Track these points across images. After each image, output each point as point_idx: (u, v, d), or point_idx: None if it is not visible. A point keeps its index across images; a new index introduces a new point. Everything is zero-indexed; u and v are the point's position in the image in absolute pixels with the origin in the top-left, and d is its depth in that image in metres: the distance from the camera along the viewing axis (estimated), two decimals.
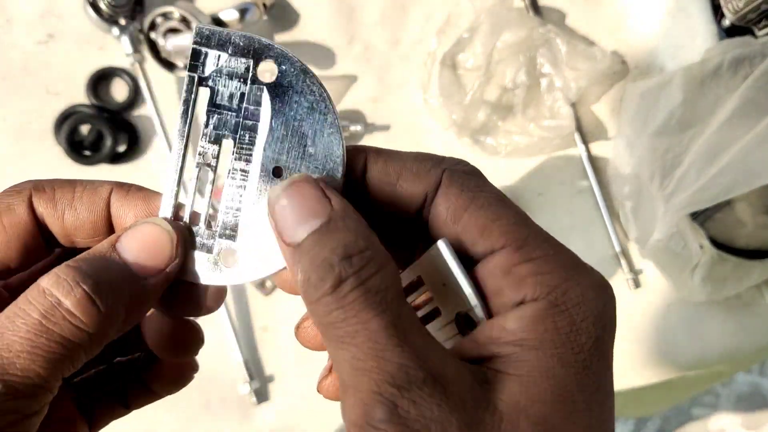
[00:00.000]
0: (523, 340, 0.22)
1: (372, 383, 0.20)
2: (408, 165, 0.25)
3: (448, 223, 0.24)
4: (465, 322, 0.25)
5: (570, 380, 0.21)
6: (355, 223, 0.22)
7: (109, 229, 0.27)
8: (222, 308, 0.63)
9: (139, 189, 0.27)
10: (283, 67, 0.26)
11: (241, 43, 0.26)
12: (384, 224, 0.25)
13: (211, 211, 0.27)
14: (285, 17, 0.68)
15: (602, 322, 0.22)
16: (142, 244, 0.25)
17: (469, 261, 0.24)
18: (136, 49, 0.63)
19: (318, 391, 0.28)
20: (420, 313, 0.27)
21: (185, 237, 0.26)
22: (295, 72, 0.26)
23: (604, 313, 0.22)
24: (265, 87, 0.26)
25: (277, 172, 0.26)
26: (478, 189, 0.24)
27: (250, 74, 0.27)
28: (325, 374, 0.28)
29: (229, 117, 0.27)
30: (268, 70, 0.27)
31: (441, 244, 0.24)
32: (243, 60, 0.27)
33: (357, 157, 0.25)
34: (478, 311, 0.23)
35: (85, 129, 0.65)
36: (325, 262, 0.21)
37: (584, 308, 0.22)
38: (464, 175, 0.25)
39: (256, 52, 0.26)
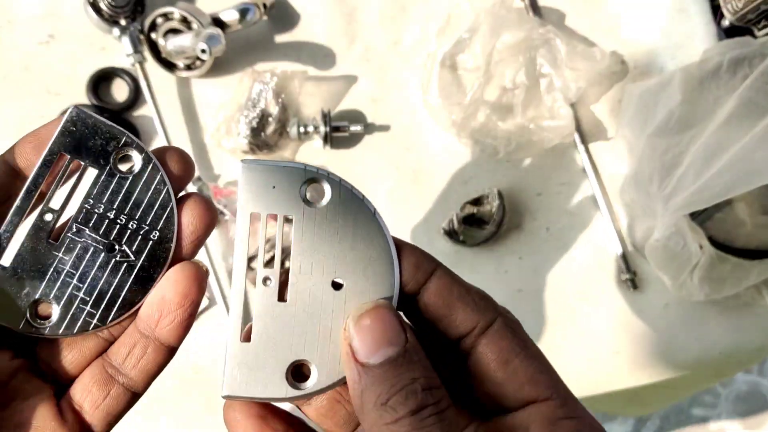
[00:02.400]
0: None
1: None
2: (471, 293, 0.27)
3: (498, 363, 0.26)
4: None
5: None
6: (425, 360, 0.25)
7: None
8: (223, 308, 0.64)
9: None
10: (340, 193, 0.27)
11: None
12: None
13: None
14: (285, 18, 0.68)
15: None
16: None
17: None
18: (137, 50, 0.63)
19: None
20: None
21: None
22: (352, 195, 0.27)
23: None
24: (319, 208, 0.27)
25: (336, 286, 0.27)
26: (527, 341, 0.26)
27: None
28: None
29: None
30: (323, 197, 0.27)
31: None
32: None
33: (427, 263, 0.27)
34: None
35: None
36: (409, 388, 0.24)
37: None
38: (516, 324, 0.27)
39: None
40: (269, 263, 0.27)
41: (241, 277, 0.27)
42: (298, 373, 0.27)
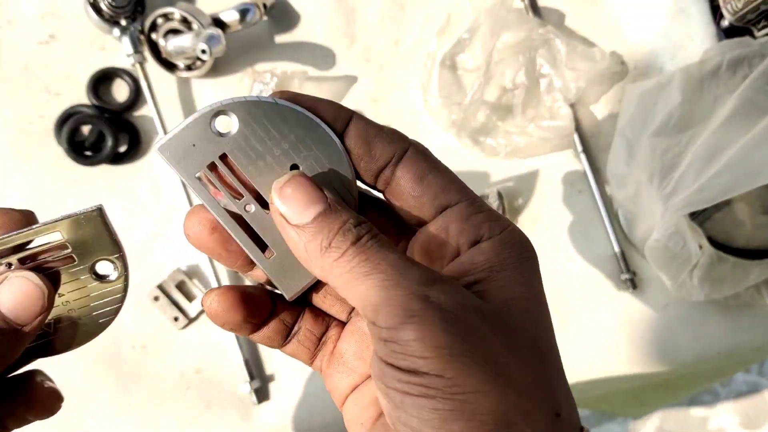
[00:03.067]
0: (492, 266, 0.28)
1: (404, 290, 0.25)
2: (385, 130, 0.31)
3: (415, 180, 0.30)
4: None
5: (534, 286, 0.29)
6: (348, 207, 0.29)
7: None
8: None
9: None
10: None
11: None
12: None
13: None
14: (285, 18, 0.68)
15: (532, 255, 0.30)
16: (15, 298, 0.29)
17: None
18: (137, 50, 0.63)
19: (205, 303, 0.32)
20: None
21: (51, 291, 0.30)
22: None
23: (531, 249, 0.30)
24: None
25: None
26: (436, 161, 0.31)
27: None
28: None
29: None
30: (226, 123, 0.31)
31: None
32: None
33: (344, 111, 0.31)
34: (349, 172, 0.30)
35: (86, 129, 0.65)
36: (344, 229, 0.27)
37: (524, 244, 0.30)
38: (426, 150, 0.31)
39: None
40: (239, 195, 0.30)
41: (231, 223, 0.30)
42: None
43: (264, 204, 0.30)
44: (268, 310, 0.32)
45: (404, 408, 0.25)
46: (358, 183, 0.31)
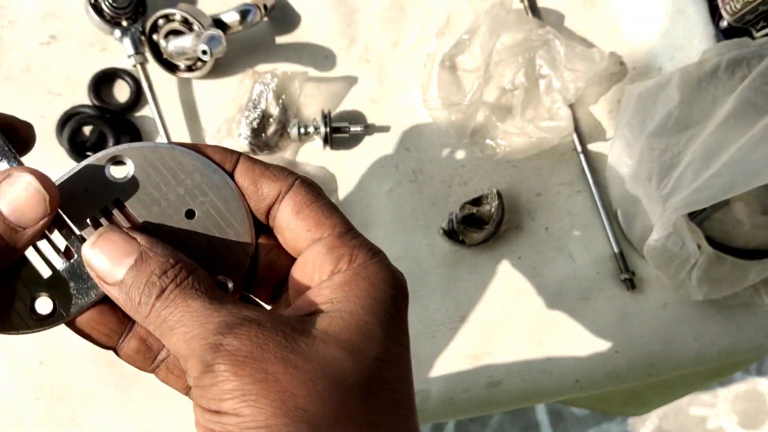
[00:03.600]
0: (333, 298, 0.29)
1: (200, 342, 0.27)
2: (270, 168, 0.32)
3: (292, 214, 0.31)
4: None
5: (369, 317, 0.28)
6: (162, 248, 0.29)
7: None
8: None
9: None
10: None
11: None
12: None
13: None
14: (286, 19, 0.68)
15: (396, 286, 0.30)
16: (15, 201, 0.28)
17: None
18: (138, 51, 0.63)
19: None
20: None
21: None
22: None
23: (399, 282, 0.30)
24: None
25: (190, 215, 0.31)
26: (319, 195, 0.32)
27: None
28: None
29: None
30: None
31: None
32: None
33: (230, 155, 0.32)
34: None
35: (87, 130, 0.66)
36: (149, 282, 0.28)
37: (382, 277, 0.30)
38: (311, 185, 0.32)
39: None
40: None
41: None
42: (222, 288, 0.32)
43: None
44: (126, 322, 0.32)
45: None
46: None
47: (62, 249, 0.31)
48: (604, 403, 0.82)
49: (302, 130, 0.65)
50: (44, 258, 0.30)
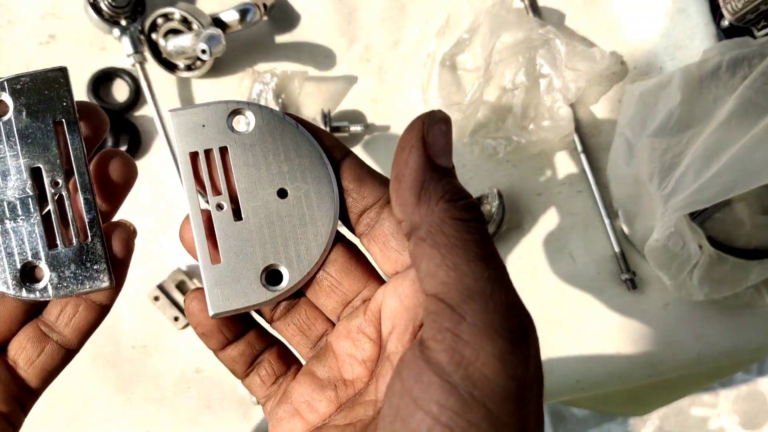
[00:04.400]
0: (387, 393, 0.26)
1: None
2: (377, 174, 0.30)
3: (394, 230, 0.29)
4: None
5: None
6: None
7: None
8: None
9: None
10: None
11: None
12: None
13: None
14: (285, 18, 0.68)
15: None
16: None
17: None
18: (137, 50, 0.63)
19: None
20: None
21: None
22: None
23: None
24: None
25: (282, 194, 0.30)
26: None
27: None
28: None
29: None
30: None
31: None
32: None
33: (341, 147, 0.31)
34: None
35: None
36: (466, 200, 0.26)
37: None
38: None
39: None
40: (218, 191, 0.30)
41: (196, 210, 0.30)
42: (270, 278, 0.30)
43: (236, 211, 0.30)
44: (243, 327, 0.32)
45: None
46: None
47: (80, 228, 0.30)
48: (605, 403, 0.82)
49: None
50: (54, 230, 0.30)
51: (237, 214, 0.30)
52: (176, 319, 0.64)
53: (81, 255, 0.30)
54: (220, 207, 0.30)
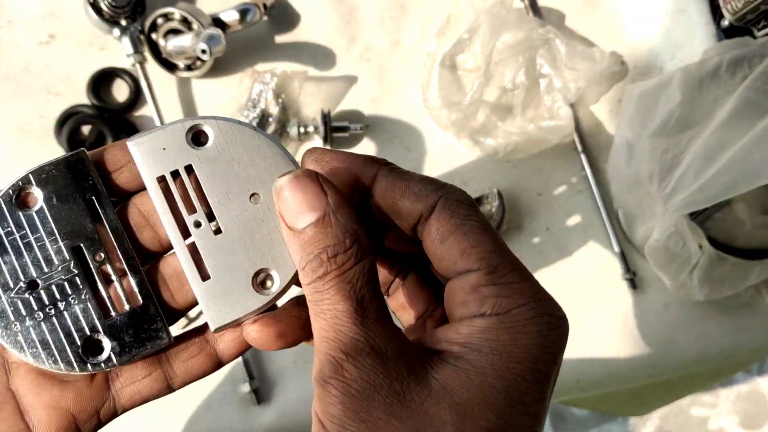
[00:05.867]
0: (468, 343, 0.27)
1: (328, 348, 0.26)
2: (411, 185, 0.29)
3: (436, 242, 0.28)
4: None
5: (496, 381, 0.26)
6: (345, 218, 0.27)
7: None
8: None
9: None
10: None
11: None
12: (386, 229, 0.31)
13: None
14: (285, 18, 0.68)
15: (544, 345, 0.28)
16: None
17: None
18: (137, 50, 0.63)
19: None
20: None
21: None
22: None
23: (548, 339, 0.28)
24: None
25: (254, 200, 0.31)
26: (465, 217, 0.29)
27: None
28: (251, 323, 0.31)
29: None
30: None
31: None
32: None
33: (369, 168, 0.30)
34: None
35: (86, 129, 0.65)
36: (318, 257, 0.27)
37: (529, 331, 0.27)
38: (457, 203, 0.29)
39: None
40: (193, 209, 0.30)
41: (175, 233, 0.30)
42: (262, 282, 0.31)
43: (215, 225, 0.30)
44: (308, 332, 0.31)
45: None
46: None
47: (127, 293, 0.31)
48: (605, 403, 0.82)
49: (302, 130, 0.65)
50: (106, 300, 0.31)
51: (216, 230, 0.30)
52: None
53: (136, 319, 0.31)
54: (198, 225, 0.30)
